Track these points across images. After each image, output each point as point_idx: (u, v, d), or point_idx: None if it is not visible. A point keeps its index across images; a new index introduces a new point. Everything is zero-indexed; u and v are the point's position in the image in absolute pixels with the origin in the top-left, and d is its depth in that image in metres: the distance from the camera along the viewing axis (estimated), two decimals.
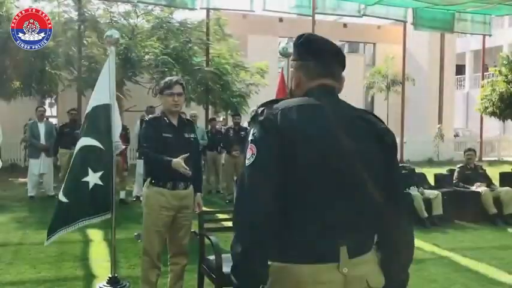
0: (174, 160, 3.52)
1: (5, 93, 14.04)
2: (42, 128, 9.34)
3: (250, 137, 1.67)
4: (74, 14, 14.14)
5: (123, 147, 4.58)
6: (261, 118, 1.67)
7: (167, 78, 3.96)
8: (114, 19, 14.70)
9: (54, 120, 19.26)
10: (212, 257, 3.76)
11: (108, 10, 14.78)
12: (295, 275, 1.63)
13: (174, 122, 3.83)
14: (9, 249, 5.84)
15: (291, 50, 5.30)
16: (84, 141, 4.33)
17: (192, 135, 3.89)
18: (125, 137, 8.45)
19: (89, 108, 4.40)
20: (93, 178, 4.21)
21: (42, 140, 9.29)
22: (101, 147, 4.30)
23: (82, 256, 5.55)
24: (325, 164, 1.64)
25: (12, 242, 6.22)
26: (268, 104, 1.71)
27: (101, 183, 4.23)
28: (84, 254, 5.69)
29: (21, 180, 11.56)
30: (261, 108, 1.70)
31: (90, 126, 4.35)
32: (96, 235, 6.49)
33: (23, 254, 5.60)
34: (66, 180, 4.38)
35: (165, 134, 3.71)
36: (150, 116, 3.95)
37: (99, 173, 4.24)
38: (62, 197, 4.27)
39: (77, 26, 13.70)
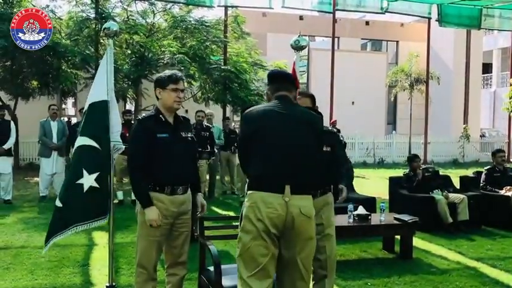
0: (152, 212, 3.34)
1: (23, 93, 14.02)
2: (54, 126, 9.14)
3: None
4: (91, 13, 14.02)
5: (123, 147, 4.25)
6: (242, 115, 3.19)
7: (168, 71, 3.57)
8: (132, 18, 14.56)
9: (74, 120, 19.34)
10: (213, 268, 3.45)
11: (125, 9, 14.67)
12: (256, 196, 2.88)
13: (171, 120, 3.49)
14: (10, 253, 5.61)
15: (303, 43, 5.01)
16: (81, 140, 4.04)
17: (189, 135, 3.54)
18: None
19: (86, 106, 4.11)
20: (88, 180, 3.91)
21: (55, 139, 9.09)
22: (97, 146, 3.99)
23: (83, 261, 5.29)
24: (271, 136, 2.95)
25: (15, 244, 6.01)
26: (247, 107, 3.14)
27: (96, 185, 3.91)
28: (86, 259, 5.41)
29: (37, 179, 11.43)
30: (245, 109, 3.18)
31: (86, 124, 4.06)
32: (101, 238, 6.23)
33: (23, 258, 5.36)
34: (63, 184, 4.12)
35: (160, 135, 3.36)
36: (144, 115, 3.58)
37: (95, 175, 3.92)
38: (57, 202, 3.98)
39: (94, 25, 13.56)
